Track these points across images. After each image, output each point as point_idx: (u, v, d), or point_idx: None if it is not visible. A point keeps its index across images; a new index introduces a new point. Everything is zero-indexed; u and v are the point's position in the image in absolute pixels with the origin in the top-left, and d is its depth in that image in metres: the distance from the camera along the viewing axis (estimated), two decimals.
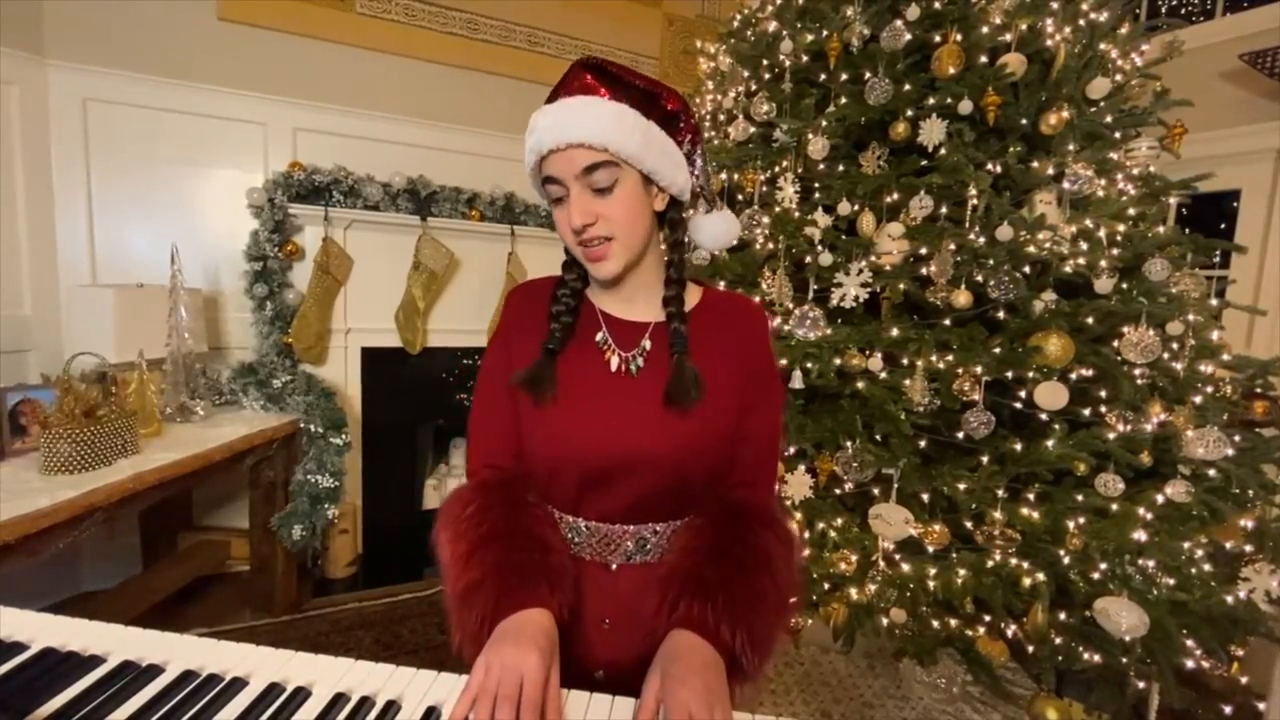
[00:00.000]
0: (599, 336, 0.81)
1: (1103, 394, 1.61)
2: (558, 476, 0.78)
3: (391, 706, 0.60)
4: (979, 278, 1.60)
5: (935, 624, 1.56)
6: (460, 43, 3.07)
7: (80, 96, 2.39)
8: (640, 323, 0.81)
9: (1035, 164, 1.71)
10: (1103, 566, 1.47)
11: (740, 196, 2.00)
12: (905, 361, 1.64)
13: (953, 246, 1.60)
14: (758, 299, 1.81)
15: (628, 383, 0.78)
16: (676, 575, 0.72)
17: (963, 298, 1.59)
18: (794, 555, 0.79)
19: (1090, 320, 1.60)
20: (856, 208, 1.77)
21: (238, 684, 0.61)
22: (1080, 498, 1.54)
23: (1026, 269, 1.63)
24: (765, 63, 2.03)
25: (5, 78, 2.20)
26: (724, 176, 2.03)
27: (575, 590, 0.76)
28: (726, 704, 0.61)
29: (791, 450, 1.70)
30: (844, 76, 1.85)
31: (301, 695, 0.61)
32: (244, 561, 2.60)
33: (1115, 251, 1.62)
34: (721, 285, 1.88)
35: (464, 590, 0.70)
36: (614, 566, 0.80)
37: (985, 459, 1.61)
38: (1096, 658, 1.51)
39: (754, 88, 2.06)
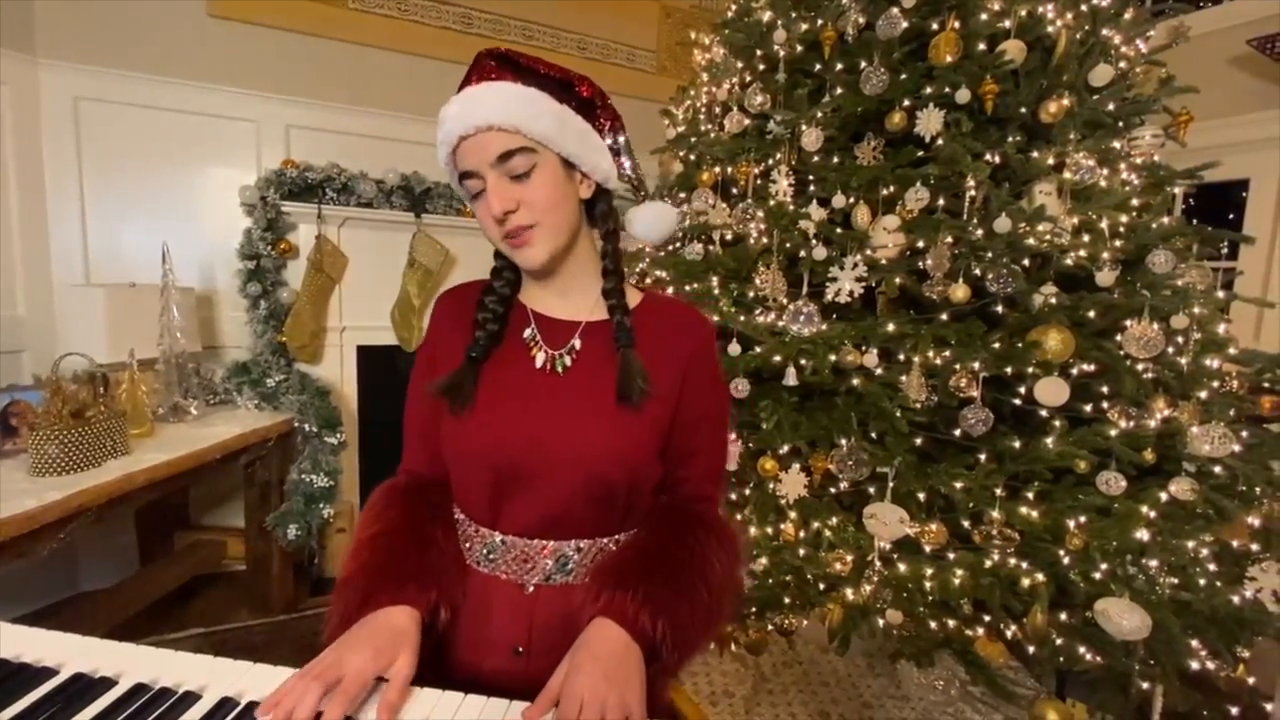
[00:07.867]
0: (527, 332, 0.78)
1: (1105, 390, 1.58)
2: (472, 476, 0.76)
3: None
4: (977, 271, 1.57)
5: (933, 625, 1.53)
6: (453, 37, 3.04)
7: (72, 95, 2.37)
8: (571, 321, 0.79)
9: (1035, 154, 1.67)
10: (1104, 566, 1.43)
11: (734, 190, 1.97)
12: (902, 357, 1.61)
13: (950, 239, 1.56)
14: (751, 294, 1.78)
15: (552, 380, 0.76)
16: (605, 568, 0.70)
17: (960, 292, 1.55)
18: (736, 564, 0.77)
19: (1092, 314, 1.56)
20: (851, 200, 1.73)
21: (190, 698, 0.59)
22: (1081, 496, 1.51)
23: (1026, 262, 1.60)
24: (759, 53, 1.99)
25: None
26: (718, 170, 1.99)
27: (460, 586, 0.74)
28: (631, 690, 0.59)
29: (785, 449, 1.67)
30: (839, 66, 1.81)
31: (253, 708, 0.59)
32: (241, 561, 2.60)
33: (1118, 243, 1.58)
34: (715, 279, 1.85)
35: (338, 586, 0.71)
36: (530, 588, 0.74)
37: (983, 457, 1.57)
38: (1098, 659, 1.48)
39: (748, 79, 2.02)
